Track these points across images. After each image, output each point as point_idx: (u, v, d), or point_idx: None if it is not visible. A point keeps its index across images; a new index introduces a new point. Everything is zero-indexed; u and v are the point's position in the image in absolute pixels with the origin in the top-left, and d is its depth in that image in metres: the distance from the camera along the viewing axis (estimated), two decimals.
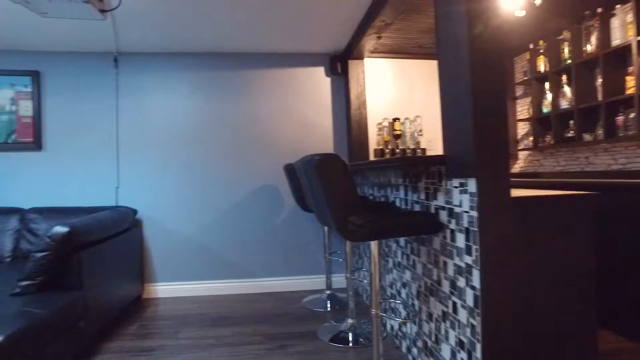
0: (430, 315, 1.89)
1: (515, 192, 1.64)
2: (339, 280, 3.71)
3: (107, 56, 3.52)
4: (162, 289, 3.55)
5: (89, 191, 3.50)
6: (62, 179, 3.48)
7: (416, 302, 2.09)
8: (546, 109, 3.64)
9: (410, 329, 2.17)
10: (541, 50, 3.69)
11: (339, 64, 3.70)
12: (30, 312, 1.91)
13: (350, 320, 2.68)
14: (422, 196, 1.95)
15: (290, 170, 3.11)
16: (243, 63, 3.67)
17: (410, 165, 1.94)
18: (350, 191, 1.57)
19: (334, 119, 3.77)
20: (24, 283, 2.16)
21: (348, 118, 3.70)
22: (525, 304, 1.51)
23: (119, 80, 3.53)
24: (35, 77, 3.42)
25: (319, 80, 3.77)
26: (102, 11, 1.97)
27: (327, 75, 3.78)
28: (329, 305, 3.18)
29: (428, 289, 1.92)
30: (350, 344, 2.49)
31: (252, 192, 3.65)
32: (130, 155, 3.53)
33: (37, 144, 3.42)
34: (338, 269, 3.75)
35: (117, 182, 3.51)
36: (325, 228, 3.33)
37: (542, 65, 3.68)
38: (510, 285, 1.43)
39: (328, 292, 3.34)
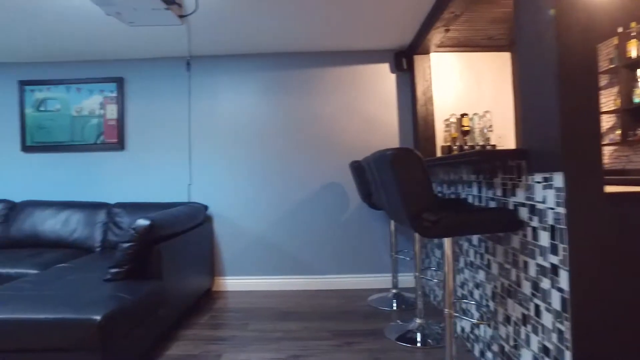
0: (507, 318, 1.80)
1: (608, 188, 1.51)
2: (405, 279, 3.65)
3: (181, 60, 3.74)
4: (231, 283, 3.70)
5: (164, 188, 3.73)
6: (141, 176, 3.74)
7: (491, 304, 2.00)
8: (638, 98, 3.32)
9: (484, 331, 2.08)
10: (633, 34, 3.37)
11: (404, 60, 3.64)
12: (120, 297, 2.07)
13: (418, 320, 2.62)
14: (499, 192, 1.85)
15: (357, 167, 3.11)
16: (308, 62, 3.72)
17: (486, 159, 1.86)
18: (426, 186, 1.53)
19: (400, 115, 3.72)
20: (113, 270, 2.35)
21: (414, 115, 3.62)
22: (620, 309, 1.39)
23: (191, 83, 3.73)
24: (120, 83, 3.71)
25: (383, 77, 3.73)
26: (181, 17, 2.09)
27: (392, 71, 3.73)
28: (394, 304, 3.13)
29: (505, 290, 1.82)
30: (419, 344, 2.44)
31: (318, 190, 3.69)
32: (201, 154, 3.71)
33: (120, 144, 3.71)
34: (404, 268, 3.68)
35: (190, 179, 3.71)
36: (392, 226, 3.29)
37: (633, 50, 3.37)
38: (602, 288, 1.32)
39: (394, 291, 3.30)
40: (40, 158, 3.83)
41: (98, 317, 1.83)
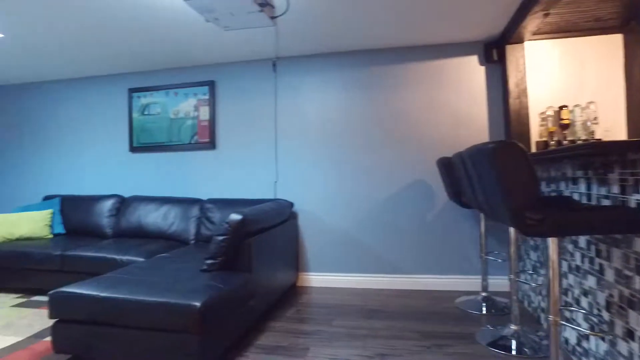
0: (630, 333, 1.60)
1: None
2: (495, 282, 3.44)
3: (267, 62, 3.88)
4: (315, 279, 3.76)
5: (252, 185, 3.90)
6: (231, 173, 3.95)
7: (605, 315, 1.80)
8: None
9: (597, 345, 1.88)
10: None
11: (495, 51, 3.43)
12: (216, 286, 2.20)
13: (513, 327, 2.45)
14: (615, 189, 1.66)
15: (446, 164, 2.99)
16: (392, 58, 3.66)
17: (601, 152, 1.68)
18: (530, 182, 1.42)
19: (490, 110, 3.51)
20: (209, 261, 2.50)
21: (506, 109, 3.40)
22: None
23: (277, 83, 3.86)
24: (211, 86, 3.95)
25: (471, 69, 3.55)
26: (272, 18, 2.16)
27: (481, 63, 3.53)
28: (484, 308, 2.97)
29: (626, 301, 1.63)
30: (513, 352, 2.28)
31: (402, 188, 3.62)
32: (287, 152, 3.82)
33: (212, 144, 3.96)
34: (494, 270, 3.47)
35: (276, 177, 3.84)
36: (482, 226, 3.12)
37: None
38: None
39: (483, 294, 3.12)
40: (144, 157, 4.21)
41: (198, 304, 1.95)
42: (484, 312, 2.93)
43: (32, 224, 3.90)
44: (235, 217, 2.44)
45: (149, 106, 4.15)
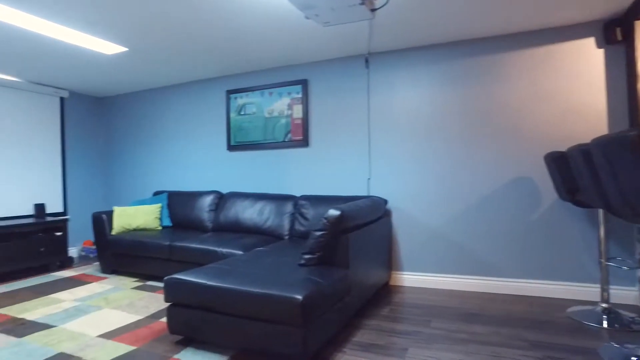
0: None
1: None
2: (619, 293, 3.05)
3: (359, 58, 3.85)
4: (408, 278, 3.66)
5: (345, 182, 3.91)
6: (324, 170, 4.00)
7: None
8: None
9: None
10: None
11: (619, 30, 3.03)
12: (315, 281, 2.22)
13: None
14: None
15: (557, 159, 2.72)
16: (491, 47, 3.42)
17: None
18: None
19: (609, 98, 3.12)
20: (307, 256, 2.54)
21: (632, 96, 2.99)
22: None
23: (370, 79, 3.81)
24: (304, 84, 4.03)
25: (586, 53, 3.18)
26: (372, 10, 2.13)
27: (599, 46, 3.15)
28: (605, 321, 2.64)
29: None
30: None
31: (504, 184, 3.37)
32: (380, 148, 3.77)
33: (305, 141, 4.04)
34: (616, 279, 3.09)
35: (369, 174, 3.80)
36: (602, 229, 2.78)
37: None
38: None
39: (604, 305, 2.78)
40: (241, 155, 4.44)
41: (300, 297, 1.98)
42: (605, 325, 2.61)
43: (145, 216, 4.31)
44: (333, 212, 2.44)
45: (245, 106, 4.36)
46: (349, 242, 2.57)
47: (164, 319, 2.83)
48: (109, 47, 3.49)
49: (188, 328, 2.35)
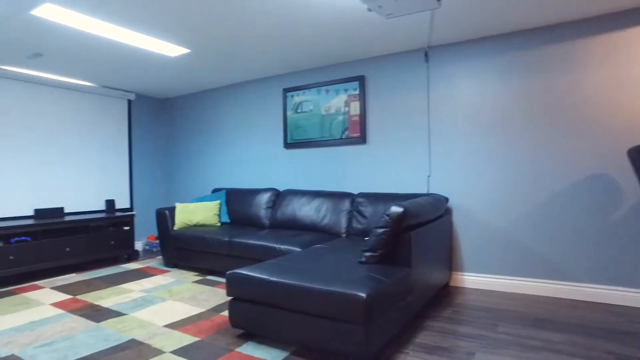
0: None
1: None
2: None
3: (418, 52, 3.74)
4: (470, 279, 3.51)
5: (404, 179, 3.81)
6: (382, 168, 3.93)
7: None
8: None
9: None
10: None
11: None
12: (378, 279, 2.17)
13: None
14: None
15: None
16: (562, 35, 3.18)
17: None
18: None
19: None
20: (367, 254, 2.49)
21: None
22: None
23: (429, 74, 3.69)
24: (361, 81, 3.98)
25: None
26: None
27: None
28: None
29: None
30: None
31: (578, 182, 3.13)
32: (440, 145, 3.64)
33: (362, 138, 3.99)
34: None
35: (429, 171, 3.68)
36: None
37: None
38: None
39: None
40: (297, 153, 4.47)
41: (364, 295, 1.94)
42: None
43: (205, 213, 4.45)
44: (396, 209, 2.38)
45: (301, 104, 4.38)
46: (411, 240, 2.49)
47: (225, 313, 2.89)
48: (173, 50, 3.63)
49: (249, 322, 2.38)
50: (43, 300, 3.27)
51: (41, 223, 4.00)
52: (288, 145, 4.50)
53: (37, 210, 4.33)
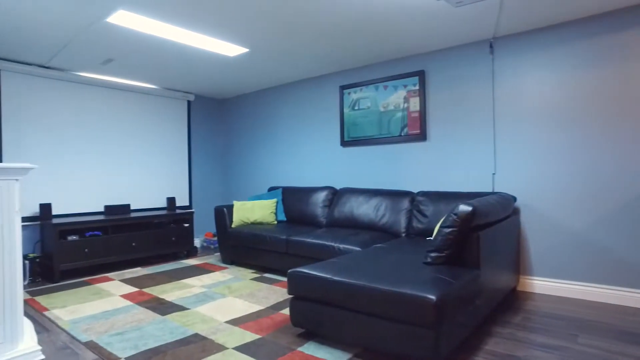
0: None
1: None
2: None
3: (482, 44, 3.55)
4: (540, 284, 3.27)
5: (466, 177, 3.63)
6: (443, 165, 3.77)
7: None
8: None
9: None
10: None
11: None
12: (446, 280, 2.05)
13: None
14: None
15: None
16: None
17: None
18: None
19: None
20: (433, 254, 2.38)
21: None
22: None
23: (494, 66, 3.49)
24: (421, 76, 3.84)
25: None
26: None
27: None
28: None
29: None
30: None
31: None
32: (506, 141, 3.43)
33: (422, 135, 3.85)
34: None
35: (494, 168, 3.48)
36: None
37: None
38: None
39: None
40: (354, 151, 4.40)
41: (434, 297, 1.84)
42: None
43: (262, 211, 4.49)
44: (464, 208, 2.25)
45: (359, 101, 4.31)
46: (480, 241, 2.34)
47: (284, 311, 2.88)
48: (232, 49, 3.69)
49: (310, 322, 2.35)
50: (114, 291, 3.44)
51: (111, 219, 4.21)
52: (345, 143, 4.44)
53: (106, 207, 4.57)
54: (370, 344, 2.08)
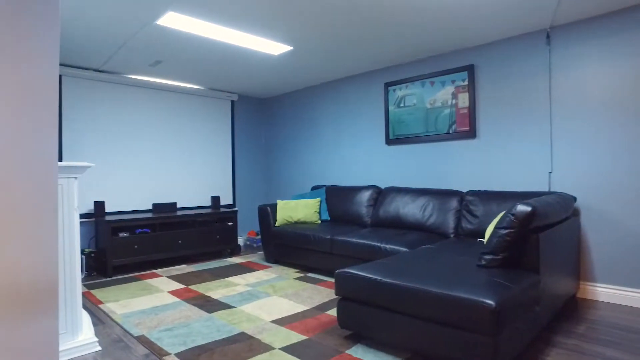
0: None
1: None
2: None
3: (537, 35, 3.34)
4: (604, 292, 3.04)
5: (519, 176, 3.44)
6: (494, 163, 3.59)
7: None
8: None
9: None
10: None
11: None
12: (504, 285, 1.93)
13: None
14: None
15: None
16: None
17: None
18: None
19: None
20: (488, 257, 2.25)
21: None
22: None
23: (552, 57, 3.28)
24: (471, 71, 3.68)
25: None
26: None
27: None
28: None
29: None
30: None
31: None
32: (564, 137, 3.21)
33: (471, 132, 3.69)
34: None
35: (550, 167, 3.27)
36: None
37: None
38: None
39: None
40: (400, 149, 4.29)
41: (492, 302, 1.73)
42: None
43: (306, 210, 4.47)
44: (523, 208, 2.11)
45: (404, 98, 4.19)
46: (540, 243, 2.19)
47: (330, 312, 2.83)
48: (276, 48, 3.68)
49: (358, 324, 2.29)
50: (162, 287, 3.52)
51: (158, 217, 4.33)
52: (390, 141, 4.34)
53: (154, 205, 4.71)
54: (421, 349, 1.99)
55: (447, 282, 2.00)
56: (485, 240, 2.64)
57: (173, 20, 3.04)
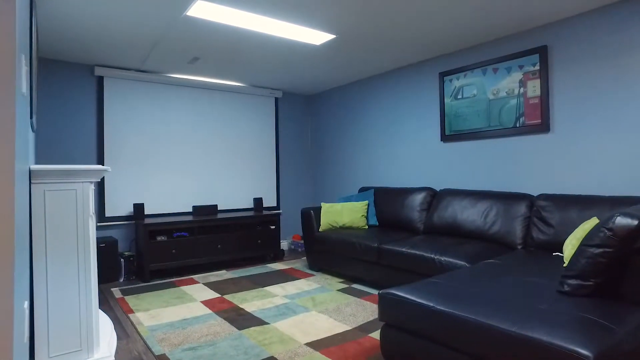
0: None
1: None
2: None
3: (629, 4, 2.74)
4: None
5: (608, 177, 2.85)
6: (572, 163, 3.02)
7: None
8: None
9: None
10: None
11: None
12: (599, 323, 1.46)
13: None
14: None
15: None
16: None
17: None
18: None
19: None
20: (573, 282, 1.77)
21: None
22: None
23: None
24: (543, 53, 3.13)
25: None
26: None
27: None
28: None
29: None
30: None
31: None
32: None
33: (544, 126, 3.13)
34: None
35: None
36: None
37: None
38: None
39: None
40: (457, 146, 3.79)
41: (590, 354, 1.27)
42: None
43: (352, 214, 4.10)
44: (626, 220, 1.61)
45: (462, 89, 3.69)
46: None
47: (374, 334, 2.46)
48: (318, 37, 3.35)
49: (405, 356, 1.89)
50: (196, 296, 3.32)
51: (197, 220, 4.16)
52: (446, 137, 3.85)
53: (194, 207, 4.55)
54: None
55: (521, 315, 1.55)
56: (564, 255, 2.14)
57: (203, 10, 2.80)
